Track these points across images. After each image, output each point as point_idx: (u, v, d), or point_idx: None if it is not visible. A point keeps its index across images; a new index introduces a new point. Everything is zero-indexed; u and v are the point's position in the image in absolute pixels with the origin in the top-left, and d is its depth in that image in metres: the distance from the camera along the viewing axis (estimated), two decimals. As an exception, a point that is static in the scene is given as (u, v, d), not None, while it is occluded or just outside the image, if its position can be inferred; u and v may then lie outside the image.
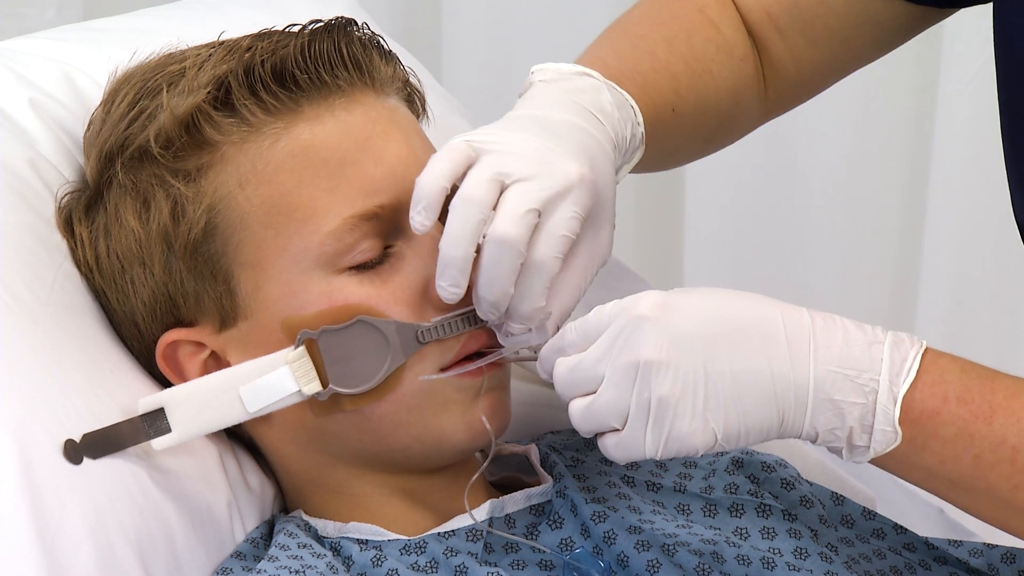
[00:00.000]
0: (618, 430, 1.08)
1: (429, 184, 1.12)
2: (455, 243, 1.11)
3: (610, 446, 1.09)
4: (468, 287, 1.14)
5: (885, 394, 1.06)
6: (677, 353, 1.06)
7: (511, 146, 1.14)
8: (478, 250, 1.12)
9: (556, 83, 1.22)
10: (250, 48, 1.17)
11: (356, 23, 1.20)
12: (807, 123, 2.23)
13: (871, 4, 1.33)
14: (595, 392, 1.08)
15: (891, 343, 1.07)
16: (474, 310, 1.15)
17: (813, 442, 1.08)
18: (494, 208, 1.11)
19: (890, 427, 1.06)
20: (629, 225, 2.35)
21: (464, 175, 1.13)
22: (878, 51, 1.39)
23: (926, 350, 1.08)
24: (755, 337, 1.07)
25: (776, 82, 1.39)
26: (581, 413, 1.09)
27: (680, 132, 1.33)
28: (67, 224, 1.23)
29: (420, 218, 1.12)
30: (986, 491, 1.07)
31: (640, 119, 1.25)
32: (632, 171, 1.29)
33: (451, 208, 1.12)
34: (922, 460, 1.07)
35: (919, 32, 1.38)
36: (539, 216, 1.12)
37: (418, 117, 1.26)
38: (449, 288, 1.12)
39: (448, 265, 1.11)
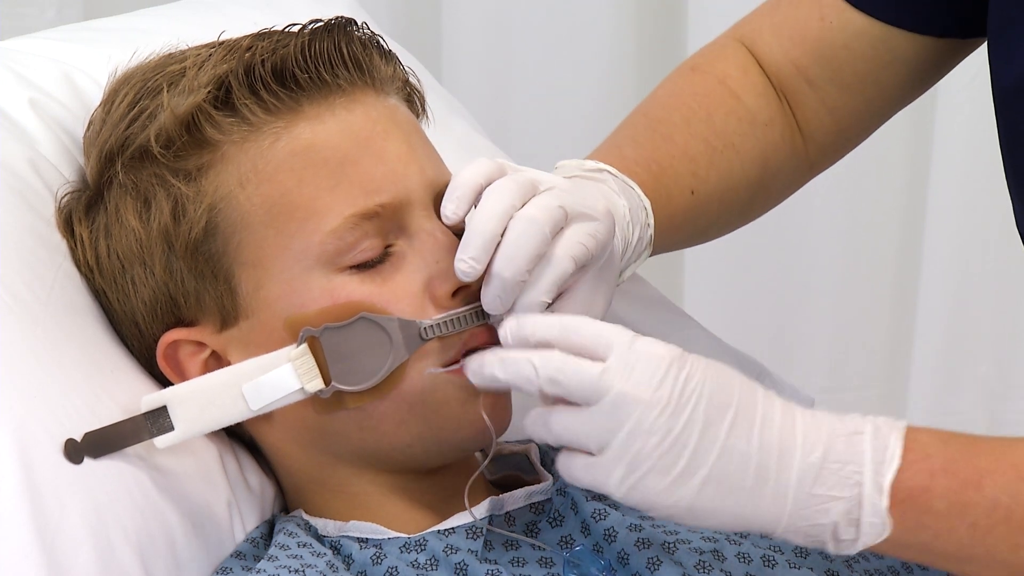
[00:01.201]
0: (591, 453, 1.05)
1: (466, 178, 1.16)
2: (487, 218, 1.13)
3: (577, 467, 1.06)
4: (464, 287, 1.15)
5: (870, 485, 1.04)
6: (681, 404, 1.03)
7: (546, 175, 1.19)
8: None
9: (575, 180, 1.26)
10: (250, 48, 1.17)
11: (356, 23, 1.21)
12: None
13: (895, 43, 1.34)
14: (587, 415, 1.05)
15: (871, 433, 1.05)
16: (476, 308, 1.15)
17: (792, 539, 1.05)
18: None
19: (878, 519, 1.04)
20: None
21: None
22: (913, 90, 1.39)
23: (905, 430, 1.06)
24: (753, 421, 1.04)
25: (815, 136, 1.40)
26: (565, 426, 1.05)
27: (707, 212, 1.36)
28: (67, 224, 1.23)
29: (452, 206, 1.15)
30: (986, 555, 1.05)
31: (651, 221, 1.29)
32: (666, 251, 1.34)
33: (485, 194, 1.15)
34: (917, 538, 1.05)
35: (951, 66, 1.39)
36: (565, 219, 1.14)
37: (418, 117, 1.26)
38: (469, 261, 1.12)
39: (475, 236, 1.12)
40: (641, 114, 1.39)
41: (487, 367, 1.09)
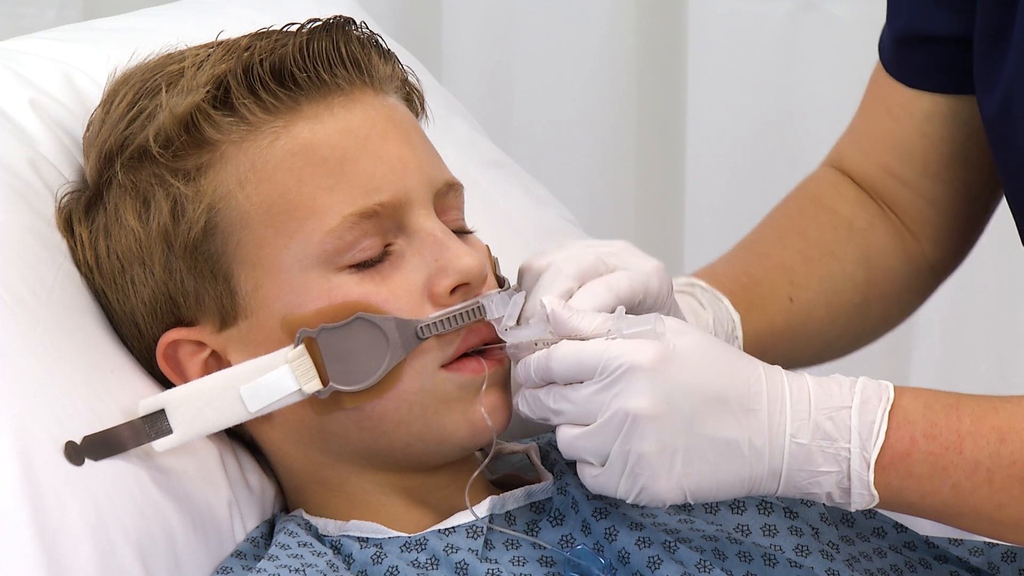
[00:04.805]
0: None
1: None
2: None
3: (588, 476, 1.12)
4: (463, 284, 1.16)
5: (858, 460, 1.10)
6: (667, 410, 1.08)
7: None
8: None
9: None
10: (249, 47, 1.17)
11: (354, 22, 1.21)
12: (807, 120, 2.23)
13: (966, 113, 1.33)
14: (586, 426, 1.10)
15: (859, 406, 1.10)
16: (473, 305, 1.16)
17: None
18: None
19: (867, 491, 1.10)
20: (629, 205, 2.36)
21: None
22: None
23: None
24: (739, 408, 1.10)
25: (925, 232, 1.40)
26: (569, 443, 1.11)
27: (812, 317, 1.38)
28: (67, 224, 1.23)
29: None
30: (972, 514, 1.10)
31: (739, 333, 1.33)
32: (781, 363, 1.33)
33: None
34: (903, 499, 1.11)
35: None
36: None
37: (417, 116, 1.26)
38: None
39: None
40: (737, 244, 1.42)
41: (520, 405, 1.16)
